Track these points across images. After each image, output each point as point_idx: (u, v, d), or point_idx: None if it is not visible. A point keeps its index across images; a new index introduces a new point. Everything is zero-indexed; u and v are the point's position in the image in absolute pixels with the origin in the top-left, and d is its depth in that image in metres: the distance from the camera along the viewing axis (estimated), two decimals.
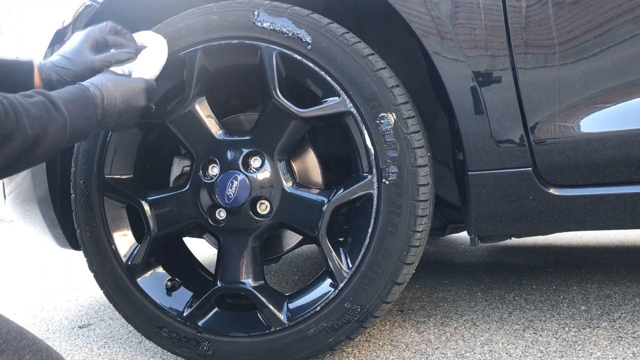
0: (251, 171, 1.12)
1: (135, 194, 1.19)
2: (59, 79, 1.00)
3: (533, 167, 1.06)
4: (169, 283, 1.22)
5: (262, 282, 1.17)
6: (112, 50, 1.05)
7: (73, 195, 1.22)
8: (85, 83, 0.96)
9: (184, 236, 1.35)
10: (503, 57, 1.03)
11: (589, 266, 1.89)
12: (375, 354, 1.23)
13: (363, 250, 1.07)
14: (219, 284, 1.17)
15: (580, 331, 1.27)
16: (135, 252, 1.20)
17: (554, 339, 1.23)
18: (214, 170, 1.15)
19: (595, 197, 1.05)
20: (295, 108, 1.08)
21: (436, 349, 1.23)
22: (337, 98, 1.06)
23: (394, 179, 1.04)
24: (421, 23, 1.05)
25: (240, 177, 1.11)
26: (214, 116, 1.16)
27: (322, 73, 1.06)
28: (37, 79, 0.99)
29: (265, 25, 1.08)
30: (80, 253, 1.26)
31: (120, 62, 1.04)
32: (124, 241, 1.22)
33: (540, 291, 1.61)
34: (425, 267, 2.03)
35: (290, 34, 1.07)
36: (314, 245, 1.20)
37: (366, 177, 1.06)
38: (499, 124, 1.05)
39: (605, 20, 1.00)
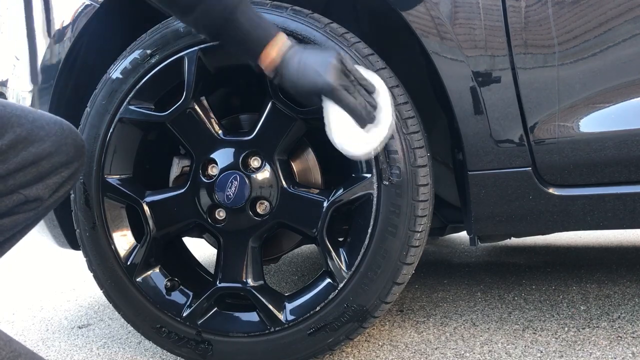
0: (251, 171, 1.12)
1: (135, 194, 1.19)
2: None
3: (532, 167, 1.06)
4: (169, 283, 1.22)
5: (262, 282, 1.17)
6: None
7: (72, 195, 1.22)
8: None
9: (184, 236, 1.35)
10: (503, 57, 1.03)
11: (589, 266, 1.89)
12: (374, 354, 1.23)
13: (363, 250, 1.07)
14: (219, 284, 1.17)
15: (579, 331, 1.27)
16: (134, 252, 1.20)
17: (553, 339, 1.23)
18: (214, 170, 1.15)
19: (594, 197, 1.05)
20: (295, 108, 1.08)
21: (436, 349, 1.23)
22: None
23: (394, 179, 1.04)
24: (421, 23, 1.05)
25: (240, 177, 1.11)
26: (213, 116, 1.16)
27: None
28: None
29: None
30: (80, 253, 1.26)
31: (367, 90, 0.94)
32: (124, 241, 1.22)
33: (539, 291, 1.61)
34: (425, 267, 2.03)
35: (290, 34, 1.07)
36: (314, 245, 1.20)
37: (366, 177, 1.06)
38: (499, 123, 1.05)
39: (604, 20, 1.00)
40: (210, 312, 1.18)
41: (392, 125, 0.95)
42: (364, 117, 0.91)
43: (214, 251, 1.24)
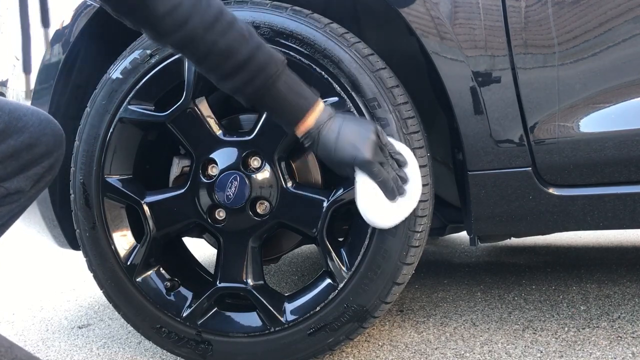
0: (251, 171, 1.12)
1: (135, 194, 1.19)
2: None
3: (532, 167, 1.06)
4: (169, 283, 1.22)
5: (262, 282, 1.17)
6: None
7: (72, 195, 1.22)
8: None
9: (184, 236, 1.35)
10: (502, 57, 1.03)
11: (589, 266, 1.89)
12: (374, 354, 1.23)
13: (363, 250, 1.07)
14: (219, 284, 1.17)
15: (579, 331, 1.27)
16: (134, 252, 1.20)
17: (553, 339, 1.23)
18: (214, 170, 1.15)
19: (594, 197, 1.05)
20: None
21: (436, 349, 1.23)
22: (336, 98, 1.06)
23: None
24: (421, 23, 1.05)
25: (240, 177, 1.11)
26: (213, 116, 1.16)
27: (322, 73, 1.06)
28: None
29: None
30: (80, 253, 1.26)
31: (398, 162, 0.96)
32: (124, 241, 1.22)
33: (539, 291, 1.61)
34: (425, 267, 2.03)
35: (290, 34, 1.07)
36: (314, 245, 1.20)
37: None
38: (499, 123, 1.05)
39: (604, 20, 1.00)
40: (210, 312, 1.18)
41: (419, 197, 0.98)
42: (394, 192, 0.93)
43: (214, 251, 1.24)
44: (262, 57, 0.87)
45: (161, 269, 1.23)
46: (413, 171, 0.98)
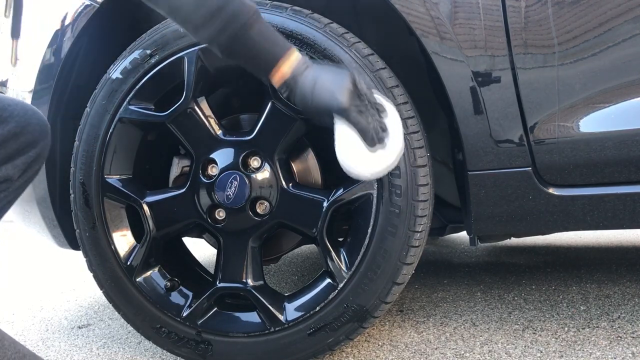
0: (251, 171, 1.12)
1: (135, 194, 1.19)
2: None
3: (532, 167, 1.06)
4: (168, 283, 1.22)
5: (262, 282, 1.17)
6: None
7: (72, 196, 1.22)
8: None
9: (184, 236, 1.35)
10: (502, 57, 1.03)
11: (589, 266, 1.89)
12: (374, 354, 1.23)
13: (362, 250, 1.07)
14: (219, 284, 1.17)
15: (579, 331, 1.27)
16: (134, 252, 1.20)
17: (553, 339, 1.23)
18: (214, 170, 1.15)
19: (594, 197, 1.05)
20: (295, 108, 1.08)
21: (435, 349, 1.23)
22: None
23: (394, 179, 1.04)
24: (421, 23, 1.05)
25: (240, 177, 1.11)
26: (213, 116, 1.16)
27: None
28: None
29: None
30: (80, 253, 1.26)
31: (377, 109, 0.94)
32: (123, 241, 1.22)
33: (539, 291, 1.61)
34: (425, 267, 2.03)
35: (290, 34, 1.07)
36: (314, 245, 1.20)
37: None
38: (499, 123, 1.05)
39: (604, 20, 1.00)
40: (210, 312, 1.18)
41: (400, 152, 0.95)
42: (373, 138, 0.92)
43: (214, 251, 1.24)
44: (234, 5, 0.88)
45: (161, 268, 1.23)
46: (394, 123, 0.96)
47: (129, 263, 1.20)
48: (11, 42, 1.32)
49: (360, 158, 0.93)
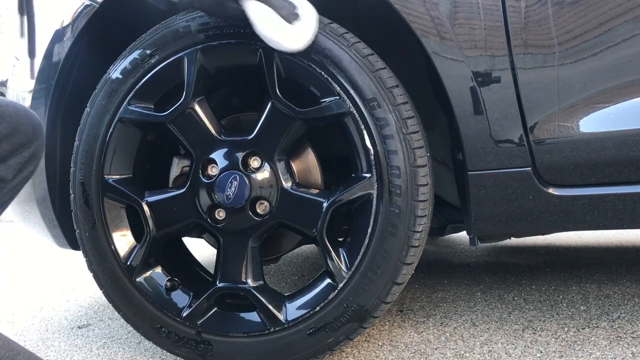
0: (250, 171, 1.12)
1: (135, 194, 1.19)
2: None
3: (532, 167, 1.06)
4: (168, 283, 1.22)
5: (262, 282, 1.17)
6: None
7: (72, 196, 1.22)
8: None
9: (184, 236, 1.35)
10: (502, 57, 1.03)
11: (588, 266, 1.89)
12: (374, 354, 1.23)
13: (362, 250, 1.07)
14: (218, 284, 1.17)
15: (579, 331, 1.27)
16: (134, 252, 1.20)
17: (553, 339, 1.23)
18: (214, 170, 1.15)
19: (594, 197, 1.05)
20: (295, 108, 1.08)
21: (435, 349, 1.23)
22: (336, 98, 1.06)
23: (394, 179, 1.04)
24: (420, 23, 1.05)
25: (240, 177, 1.11)
26: (213, 116, 1.16)
27: (322, 73, 1.06)
28: None
29: None
30: (80, 253, 1.26)
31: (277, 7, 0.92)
32: (123, 241, 1.22)
33: (539, 291, 1.61)
34: (425, 267, 2.03)
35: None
36: (314, 245, 1.20)
37: (365, 177, 1.06)
38: (499, 123, 1.05)
39: (604, 20, 1.00)
40: (210, 312, 1.18)
41: (317, 18, 0.94)
42: (286, 7, 0.91)
43: (214, 251, 1.24)
44: None
45: (161, 268, 1.23)
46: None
47: (128, 263, 1.20)
48: (29, 61, 1.32)
49: (283, 29, 0.91)
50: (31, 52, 1.28)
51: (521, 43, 1.02)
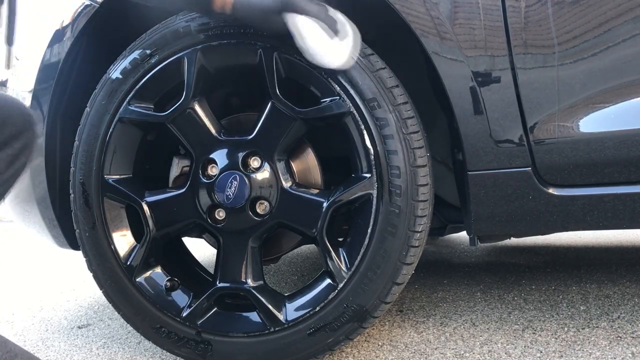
0: (250, 171, 1.12)
1: (135, 194, 1.19)
2: None
3: (532, 167, 1.06)
4: (168, 283, 1.22)
5: (262, 282, 1.17)
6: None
7: (72, 196, 1.22)
8: None
9: (183, 236, 1.35)
10: (502, 57, 1.03)
11: (588, 266, 1.89)
12: (374, 354, 1.23)
13: (362, 250, 1.07)
14: (218, 284, 1.17)
15: (579, 331, 1.27)
16: (134, 252, 1.20)
17: (553, 339, 1.23)
18: (214, 170, 1.15)
19: (594, 197, 1.05)
20: (295, 108, 1.08)
21: (435, 349, 1.23)
22: (336, 98, 1.06)
23: (394, 179, 1.04)
24: (420, 23, 1.05)
25: (240, 177, 1.11)
26: (213, 116, 1.16)
27: (322, 73, 1.06)
28: None
29: None
30: (79, 253, 1.26)
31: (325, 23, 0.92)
32: (123, 241, 1.22)
33: (539, 291, 1.61)
34: (425, 267, 2.03)
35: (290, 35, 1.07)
36: (314, 245, 1.20)
37: (365, 177, 1.06)
38: (499, 124, 1.05)
39: (604, 20, 1.00)
40: (210, 312, 1.18)
41: (359, 34, 0.95)
42: (332, 21, 0.91)
43: (214, 251, 1.24)
44: None
45: (161, 268, 1.23)
46: (337, 15, 0.97)
47: (128, 263, 1.20)
48: (7, 49, 1.31)
49: (329, 46, 0.92)
50: (9, 40, 1.27)
51: (521, 43, 1.02)
